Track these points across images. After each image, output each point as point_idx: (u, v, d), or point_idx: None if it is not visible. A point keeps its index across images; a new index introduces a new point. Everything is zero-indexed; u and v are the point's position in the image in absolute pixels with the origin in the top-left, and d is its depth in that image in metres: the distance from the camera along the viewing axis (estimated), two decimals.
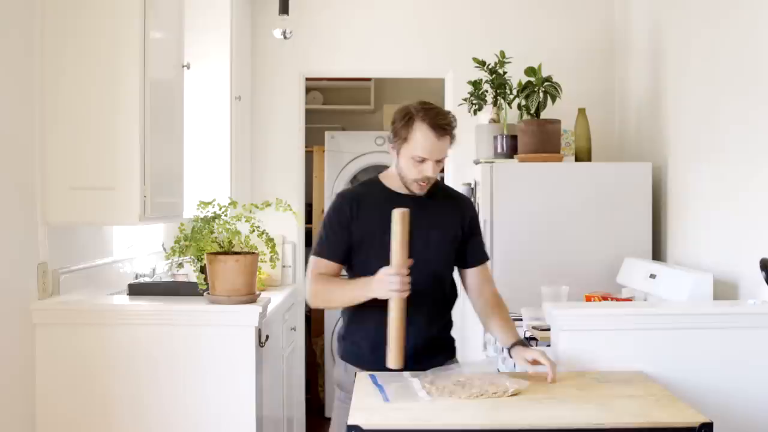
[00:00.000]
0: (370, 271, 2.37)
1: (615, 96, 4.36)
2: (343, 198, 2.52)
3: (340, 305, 2.52)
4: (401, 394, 2.14)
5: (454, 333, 2.67)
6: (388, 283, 2.26)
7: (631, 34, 4.13)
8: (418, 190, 2.44)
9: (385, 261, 2.33)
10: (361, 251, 2.47)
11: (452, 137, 2.41)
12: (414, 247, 2.36)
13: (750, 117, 2.81)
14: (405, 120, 2.38)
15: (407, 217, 2.27)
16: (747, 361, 2.48)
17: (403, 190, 2.49)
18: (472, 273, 2.59)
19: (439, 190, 2.56)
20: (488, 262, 2.64)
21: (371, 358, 2.44)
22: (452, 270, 2.60)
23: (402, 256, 2.27)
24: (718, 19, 3.09)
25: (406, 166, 2.42)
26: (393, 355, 2.30)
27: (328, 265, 2.48)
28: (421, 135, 2.36)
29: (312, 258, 2.52)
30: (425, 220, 2.46)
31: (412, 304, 2.35)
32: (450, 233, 2.53)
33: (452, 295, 2.62)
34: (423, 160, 2.38)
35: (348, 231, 2.46)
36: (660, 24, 3.71)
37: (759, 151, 2.74)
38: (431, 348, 2.53)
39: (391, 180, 2.52)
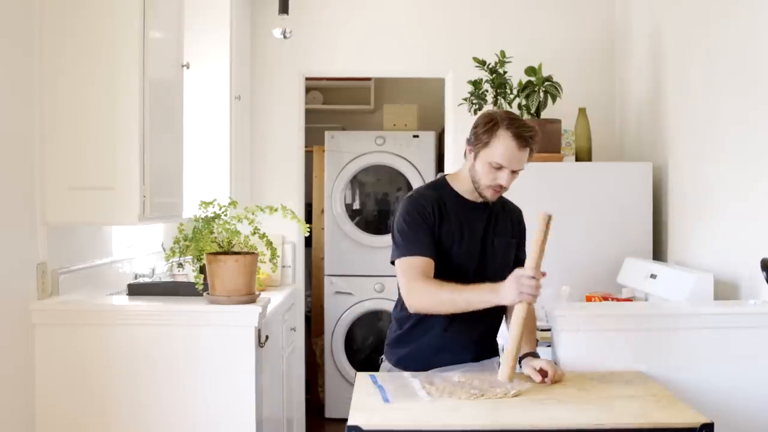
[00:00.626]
0: (447, 269, 2.36)
1: (615, 96, 4.35)
2: (425, 199, 2.44)
3: (453, 310, 2.34)
4: (401, 394, 2.14)
5: None
6: (523, 286, 2.17)
7: (632, 34, 4.12)
8: (490, 195, 2.41)
9: (460, 263, 2.38)
10: (440, 254, 2.40)
11: (532, 150, 2.38)
12: (485, 254, 2.42)
13: (751, 117, 2.81)
14: (489, 125, 2.35)
15: (550, 222, 2.21)
16: (748, 361, 2.48)
17: (471, 196, 2.45)
18: None
19: (497, 200, 2.52)
20: None
21: (434, 360, 2.43)
22: None
23: (540, 259, 2.19)
24: (718, 18, 3.08)
25: (482, 170, 2.38)
26: (507, 369, 2.21)
27: (426, 262, 2.36)
28: (503, 142, 2.33)
29: (405, 260, 2.37)
30: (492, 227, 2.48)
31: (477, 312, 2.32)
32: (509, 240, 2.52)
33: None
34: (500, 168, 2.35)
35: (433, 230, 2.40)
36: (661, 24, 3.71)
37: (760, 151, 2.74)
38: (484, 354, 2.51)
39: (460, 183, 2.47)
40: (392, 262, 2.43)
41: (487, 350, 2.54)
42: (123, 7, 2.73)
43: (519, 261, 2.51)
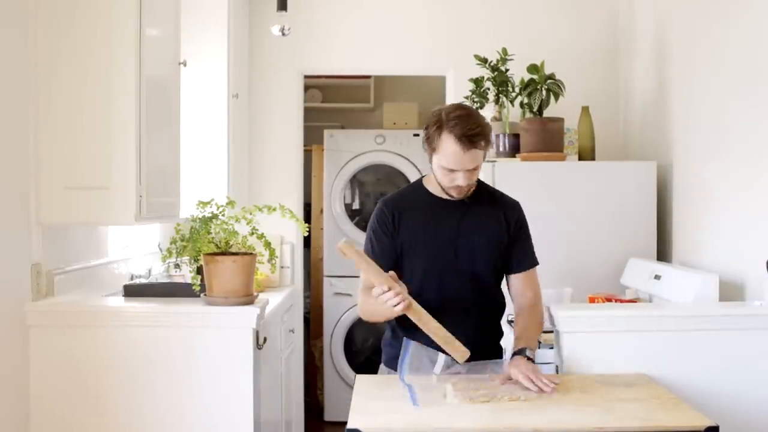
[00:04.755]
0: (415, 272, 2.41)
1: (619, 94, 4.33)
2: (385, 205, 2.49)
3: (383, 318, 2.42)
4: (429, 398, 2.11)
5: None
6: (385, 303, 2.21)
7: (636, 32, 4.10)
8: (456, 194, 2.40)
9: (429, 262, 2.41)
10: (407, 255, 2.45)
11: (485, 145, 2.33)
12: (459, 253, 2.41)
13: (756, 116, 2.79)
14: (435, 127, 2.32)
15: (350, 246, 2.24)
16: (753, 363, 2.46)
17: (445, 195, 2.44)
18: (515, 278, 2.51)
19: (483, 193, 2.51)
20: (535, 269, 2.53)
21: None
22: (499, 276, 2.52)
23: (375, 276, 2.23)
24: (723, 17, 3.07)
25: (438, 173, 2.38)
26: (455, 351, 2.25)
27: None
28: (448, 147, 2.29)
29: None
30: (469, 224, 2.45)
31: (456, 311, 2.38)
32: (494, 238, 2.47)
33: (498, 303, 2.54)
34: (453, 171, 2.33)
35: (392, 238, 2.44)
36: (665, 22, 3.69)
37: (765, 150, 2.72)
38: (479, 357, 2.43)
39: (434, 184, 2.47)
40: None
41: (484, 348, 2.47)
42: (118, 4, 2.72)
43: (514, 257, 2.49)
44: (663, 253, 3.59)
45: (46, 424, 2.69)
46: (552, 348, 2.62)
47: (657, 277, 3.14)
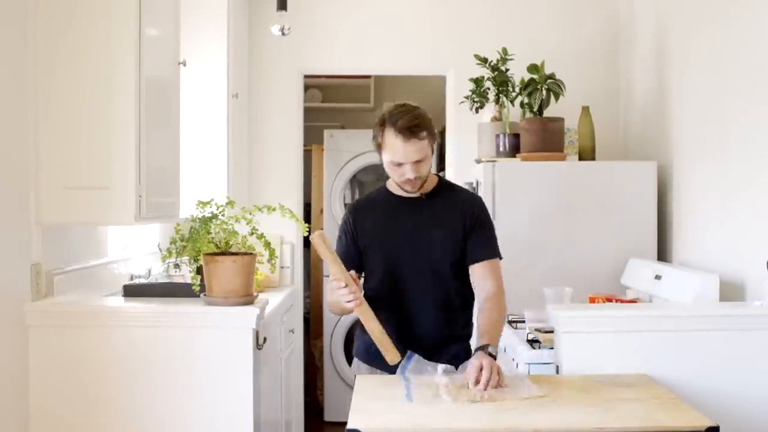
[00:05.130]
0: (376, 269, 2.54)
1: (619, 94, 4.32)
2: (348, 210, 2.66)
3: (341, 312, 2.53)
4: (422, 394, 2.13)
5: None
6: (339, 295, 2.35)
7: (636, 31, 4.09)
8: (410, 188, 2.48)
9: (387, 257, 2.51)
10: (368, 254, 2.56)
11: (427, 136, 2.42)
12: (417, 248, 2.50)
13: (756, 115, 2.79)
14: (379, 125, 2.45)
15: (322, 237, 2.39)
16: (754, 363, 2.45)
17: (404, 193, 2.53)
18: (473, 270, 2.55)
19: (443, 188, 2.60)
20: (495, 261, 2.54)
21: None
22: (460, 270, 2.55)
23: (336, 273, 2.35)
24: (723, 17, 3.06)
25: (389, 169, 2.49)
26: (387, 353, 2.36)
27: None
28: (391, 140, 2.41)
29: None
30: (427, 219, 2.52)
31: (416, 304, 2.50)
32: (452, 231, 2.52)
33: (462, 296, 2.57)
34: (400, 164, 2.42)
35: (354, 240, 2.57)
36: (665, 22, 3.68)
37: (765, 151, 2.71)
38: (442, 352, 2.48)
39: (394, 184, 2.57)
40: None
41: (445, 342, 2.51)
42: (118, 4, 2.71)
43: (470, 247, 2.52)
44: (663, 253, 3.59)
45: (46, 425, 2.68)
46: (552, 348, 2.61)
47: (657, 277, 3.13)
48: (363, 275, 2.58)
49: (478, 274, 2.53)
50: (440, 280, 2.52)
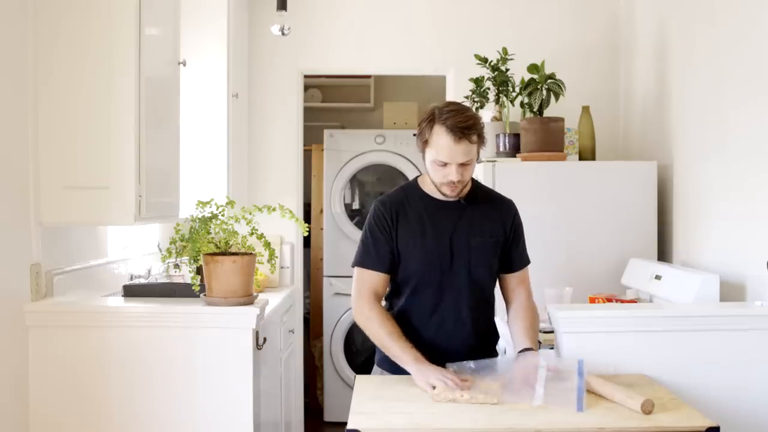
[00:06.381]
0: (412, 275, 2.41)
1: (620, 94, 4.32)
2: (383, 205, 2.47)
3: (380, 347, 2.41)
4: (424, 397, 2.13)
5: None
6: (437, 381, 2.16)
7: (637, 31, 4.09)
8: (449, 192, 2.38)
9: (426, 264, 2.38)
10: (404, 257, 2.43)
11: (477, 140, 2.34)
12: (455, 256, 2.40)
13: (756, 115, 2.78)
14: (427, 122, 2.35)
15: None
16: (754, 363, 2.45)
17: (441, 196, 2.43)
18: (509, 277, 2.53)
19: (479, 193, 2.51)
20: (528, 267, 2.57)
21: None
22: (495, 277, 2.52)
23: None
24: (723, 15, 3.06)
25: (431, 169, 2.39)
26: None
27: (374, 276, 2.42)
28: (440, 139, 2.31)
29: (359, 270, 2.45)
30: (466, 226, 2.43)
31: (453, 313, 2.41)
32: (491, 239, 2.46)
33: (492, 303, 2.54)
34: (445, 164, 2.33)
35: (391, 238, 2.43)
36: (665, 21, 3.68)
37: (765, 150, 2.71)
38: (476, 357, 2.43)
39: (429, 185, 2.47)
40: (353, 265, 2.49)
41: (481, 350, 2.47)
42: (118, 3, 2.71)
43: (510, 259, 2.50)
44: (663, 253, 3.58)
45: (45, 425, 2.68)
46: (552, 348, 2.61)
47: (657, 277, 3.12)
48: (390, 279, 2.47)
49: (514, 281, 2.53)
50: (477, 288, 2.45)
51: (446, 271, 2.41)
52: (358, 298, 2.42)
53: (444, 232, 2.42)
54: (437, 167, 2.35)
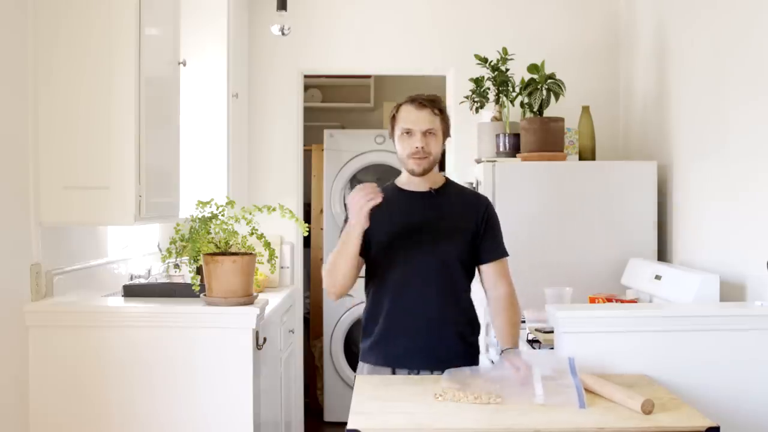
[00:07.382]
0: (385, 258, 2.53)
1: (620, 94, 4.32)
2: None
3: (342, 262, 2.50)
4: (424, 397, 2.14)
5: None
6: (360, 198, 2.40)
7: (637, 31, 4.09)
8: (416, 166, 2.51)
9: (395, 245, 2.51)
10: (374, 242, 2.55)
11: (440, 114, 2.52)
12: (426, 239, 2.51)
13: (756, 115, 2.78)
14: (395, 107, 2.58)
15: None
16: (754, 363, 2.45)
17: (413, 187, 2.57)
18: (485, 269, 2.59)
19: (451, 187, 2.64)
20: (506, 260, 2.62)
21: (391, 349, 2.52)
22: (466, 264, 2.57)
23: None
24: (722, 17, 3.05)
25: (399, 145, 2.54)
26: None
27: None
28: (403, 110, 2.53)
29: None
30: (435, 213, 2.55)
31: (421, 296, 2.50)
32: (461, 226, 2.55)
33: (466, 292, 2.60)
34: (409, 132, 2.49)
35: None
36: (665, 21, 3.68)
37: (765, 150, 2.71)
38: (447, 350, 2.50)
39: (402, 176, 2.62)
40: None
41: (450, 352, 2.50)
42: (118, 3, 2.71)
43: (484, 249, 2.57)
44: (664, 254, 3.58)
45: (46, 425, 2.68)
46: (552, 348, 2.61)
47: (657, 277, 3.12)
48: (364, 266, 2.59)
49: (491, 273, 2.58)
50: (444, 272, 2.53)
51: (419, 259, 2.50)
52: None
53: (413, 212, 2.55)
54: (404, 139, 2.51)
